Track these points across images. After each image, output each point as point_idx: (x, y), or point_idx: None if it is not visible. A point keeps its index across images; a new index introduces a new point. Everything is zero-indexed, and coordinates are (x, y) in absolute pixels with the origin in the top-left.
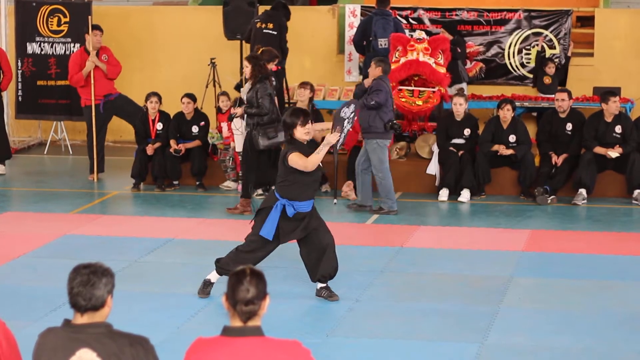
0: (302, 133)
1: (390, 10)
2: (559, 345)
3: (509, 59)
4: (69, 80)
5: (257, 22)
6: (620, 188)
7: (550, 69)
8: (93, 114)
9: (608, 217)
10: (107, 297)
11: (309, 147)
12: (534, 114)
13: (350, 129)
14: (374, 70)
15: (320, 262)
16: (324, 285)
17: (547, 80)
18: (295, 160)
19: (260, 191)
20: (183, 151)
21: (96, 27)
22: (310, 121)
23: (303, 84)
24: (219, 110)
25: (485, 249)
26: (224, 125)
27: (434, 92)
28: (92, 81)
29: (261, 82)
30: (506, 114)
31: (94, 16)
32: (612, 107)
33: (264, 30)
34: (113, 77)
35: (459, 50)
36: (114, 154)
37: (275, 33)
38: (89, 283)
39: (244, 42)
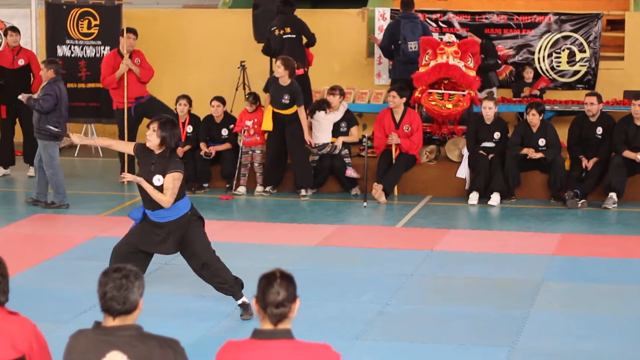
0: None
1: (418, 14)
2: (589, 350)
3: (539, 62)
4: (101, 82)
5: (275, 29)
6: None
7: (528, 74)
8: (125, 116)
9: (638, 221)
10: (139, 300)
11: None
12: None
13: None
14: (46, 73)
15: (206, 276)
16: (239, 302)
17: (527, 91)
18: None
19: (304, 192)
20: (213, 154)
21: (130, 30)
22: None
23: (332, 90)
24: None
25: (515, 253)
26: (249, 122)
27: (463, 95)
28: (125, 84)
29: None
30: (532, 119)
31: (123, 19)
32: (635, 110)
33: (284, 36)
34: (146, 80)
35: (485, 57)
36: None
37: (294, 36)
38: (122, 287)
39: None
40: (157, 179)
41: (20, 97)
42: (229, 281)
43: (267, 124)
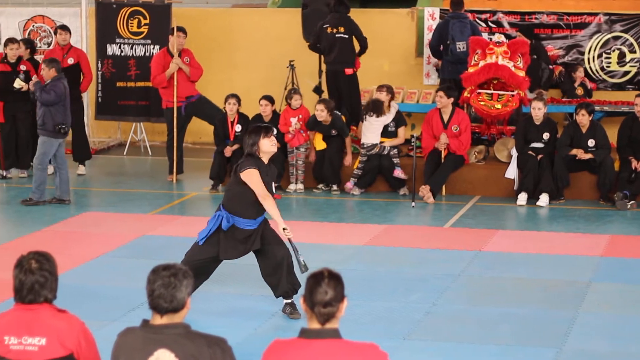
0: (267, 145)
1: (467, 13)
2: (638, 352)
3: (588, 63)
4: (151, 81)
5: (327, 26)
6: None
7: (581, 73)
8: (175, 115)
9: None
10: (187, 298)
11: (267, 167)
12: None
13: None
14: (48, 72)
15: (278, 278)
16: (288, 301)
17: (579, 91)
18: (249, 178)
19: (335, 187)
20: None
21: (180, 29)
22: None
23: (380, 87)
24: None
25: (564, 254)
26: (293, 120)
27: (512, 95)
28: (175, 83)
29: None
30: (582, 119)
31: (172, 18)
32: None
33: (337, 35)
34: (195, 79)
35: (538, 58)
36: (193, 155)
37: (347, 36)
38: (170, 285)
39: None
40: (274, 185)
41: (31, 83)
42: (297, 282)
43: (320, 144)
